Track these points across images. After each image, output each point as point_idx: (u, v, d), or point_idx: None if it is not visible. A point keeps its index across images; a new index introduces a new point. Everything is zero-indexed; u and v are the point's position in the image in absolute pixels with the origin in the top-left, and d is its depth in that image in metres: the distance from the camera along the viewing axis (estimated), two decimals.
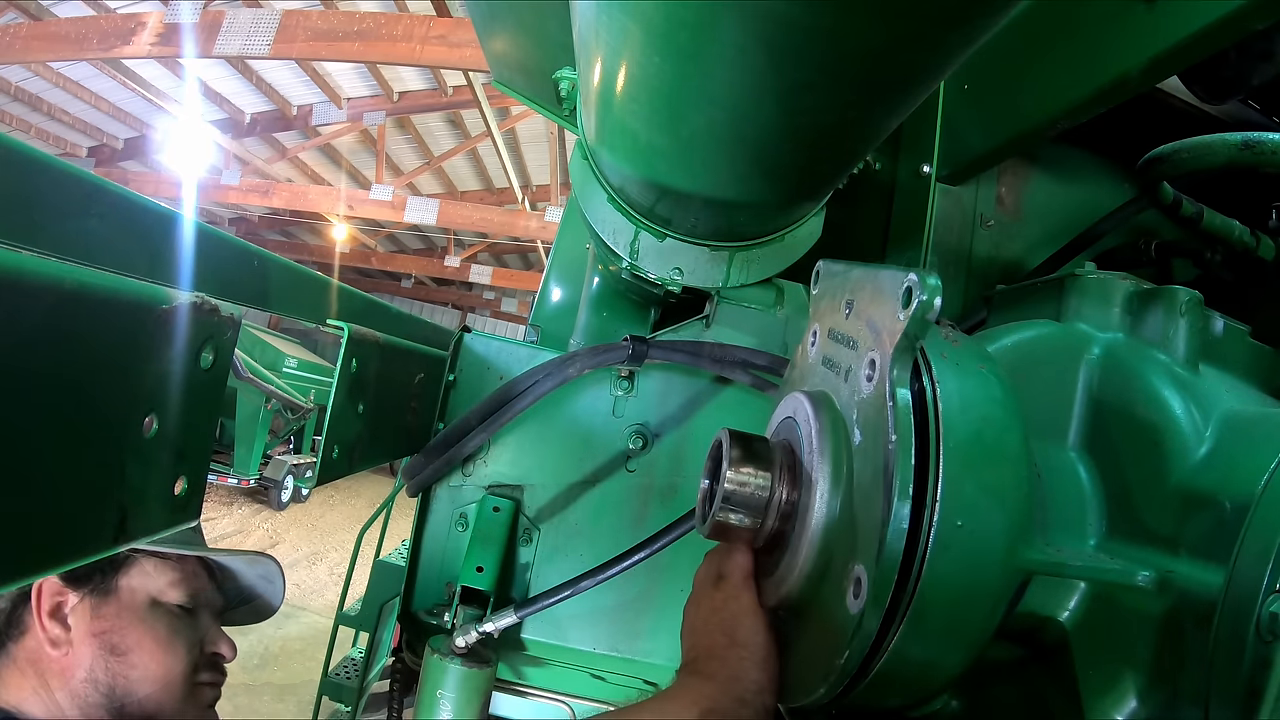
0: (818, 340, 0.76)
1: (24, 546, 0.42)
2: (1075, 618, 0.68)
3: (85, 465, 0.46)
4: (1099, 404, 0.76)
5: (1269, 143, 1.06)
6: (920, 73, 0.61)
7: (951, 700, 0.69)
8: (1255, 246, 1.31)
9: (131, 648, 0.99)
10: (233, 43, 5.72)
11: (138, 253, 0.59)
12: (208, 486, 0.65)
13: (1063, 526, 0.70)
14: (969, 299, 1.40)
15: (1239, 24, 0.80)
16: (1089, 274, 0.86)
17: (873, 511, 0.55)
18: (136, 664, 0.99)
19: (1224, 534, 0.56)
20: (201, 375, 0.56)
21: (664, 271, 1.09)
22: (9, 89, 8.46)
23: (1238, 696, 0.51)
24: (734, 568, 0.72)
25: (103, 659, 0.97)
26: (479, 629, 1.09)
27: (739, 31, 0.55)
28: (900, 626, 0.54)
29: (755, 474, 0.68)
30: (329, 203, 9.56)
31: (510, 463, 1.26)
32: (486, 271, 13.14)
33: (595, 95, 0.83)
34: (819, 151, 0.79)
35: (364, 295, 1.12)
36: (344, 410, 0.90)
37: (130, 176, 10.12)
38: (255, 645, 6.03)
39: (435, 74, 8.88)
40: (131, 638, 1.00)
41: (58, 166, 0.51)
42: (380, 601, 3.94)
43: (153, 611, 1.03)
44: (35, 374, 0.41)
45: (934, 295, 0.53)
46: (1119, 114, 1.09)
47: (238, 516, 9.36)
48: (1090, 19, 1.00)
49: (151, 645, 1.01)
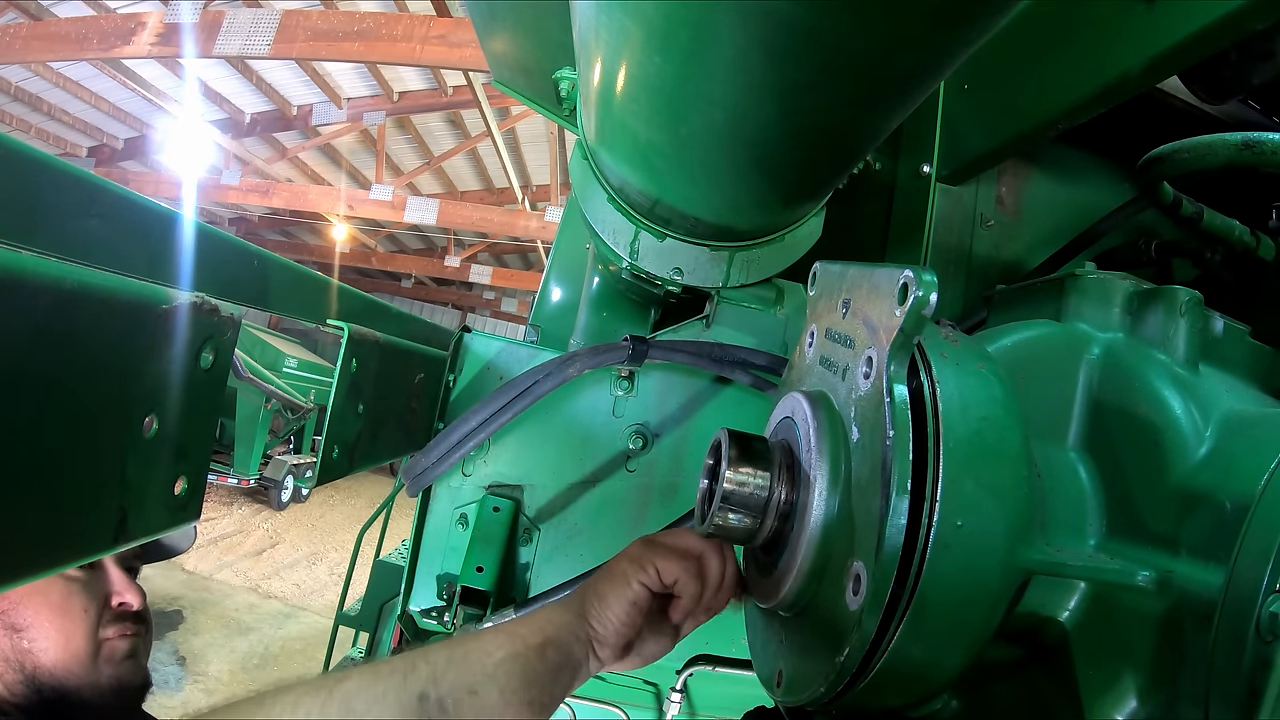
0: (815, 340, 0.76)
1: (24, 546, 0.42)
2: (1075, 618, 0.68)
3: (85, 465, 0.46)
4: (1099, 404, 0.76)
5: (1269, 143, 1.05)
6: (920, 73, 0.61)
7: (951, 700, 0.69)
8: (1255, 246, 1.31)
9: (29, 621, 1.01)
10: (233, 43, 5.72)
11: (138, 253, 0.58)
12: (208, 486, 0.65)
13: (1063, 526, 0.70)
14: (969, 299, 1.40)
15: (1239, 24, 0.80)
16: (1089, 274, 0.86)
17: (871, 509, 0.55)
18: (37, 636, 1.01)
19: (1224, 534, 0.56)
20: (201, 375, 0.56)
21: (664, 271, 1.09)
22: (9, 89, 8.46)
23: (1238, 696, 0.51)
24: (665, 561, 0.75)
25: (7, 638, 1.00)
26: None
27: (739, 32, 0.55)
28: (900, 625, 0.54)
29: (754, 474, 0.68)
30: (329, 203, 9.55)
31: (510, 463, 1.26)
32: (486, 271, 13.13)
33: (595, 95, 0.83)
34: (819, 151, 0.79)
35: (364, 295, 1.11)
36: (344, 410, 0.90)
37: (130, 176, 10.12)
38: (255, 645, 6.04)
39: (435, 74, 8.88)
40: (28, 612, 1.01)
41: (58, 166, 0.51)
42: (380, 601, 3.94)
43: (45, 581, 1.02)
44: (36, 374, 0.41)
45: (930, 291, 0.53)
46: (1119, 114, 1.09)
47: (238, 516, 9.36)
48: (1090, 19, 1.00)
49: (48, 614, 1.02)
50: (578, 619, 0.74)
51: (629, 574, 0.75)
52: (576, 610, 0.75)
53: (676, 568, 0.74)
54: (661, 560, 0.75)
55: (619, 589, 0.74)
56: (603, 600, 0.74)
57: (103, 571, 1.11)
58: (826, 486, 0.62)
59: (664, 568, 0.74)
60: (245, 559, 7.99)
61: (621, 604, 0.74)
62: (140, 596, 1.15)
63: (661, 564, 0.74)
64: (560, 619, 0.74)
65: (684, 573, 0.75)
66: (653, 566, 0.74)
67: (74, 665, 1.03)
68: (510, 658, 0.67)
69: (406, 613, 1.26)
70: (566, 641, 0.72)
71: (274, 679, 4.20)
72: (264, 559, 8.13)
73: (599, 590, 0.76)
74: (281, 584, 7.50)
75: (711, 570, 0.76)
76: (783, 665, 0.69)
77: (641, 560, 0.75)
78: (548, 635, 0.71)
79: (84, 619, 1.05)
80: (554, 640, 0.71)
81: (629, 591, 0.74)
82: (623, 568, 0.76)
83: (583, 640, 0.73)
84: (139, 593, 1.15)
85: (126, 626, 1.12)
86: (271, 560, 8.14)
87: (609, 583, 0.76)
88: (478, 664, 0.66)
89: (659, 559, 0.75)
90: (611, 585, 0.75)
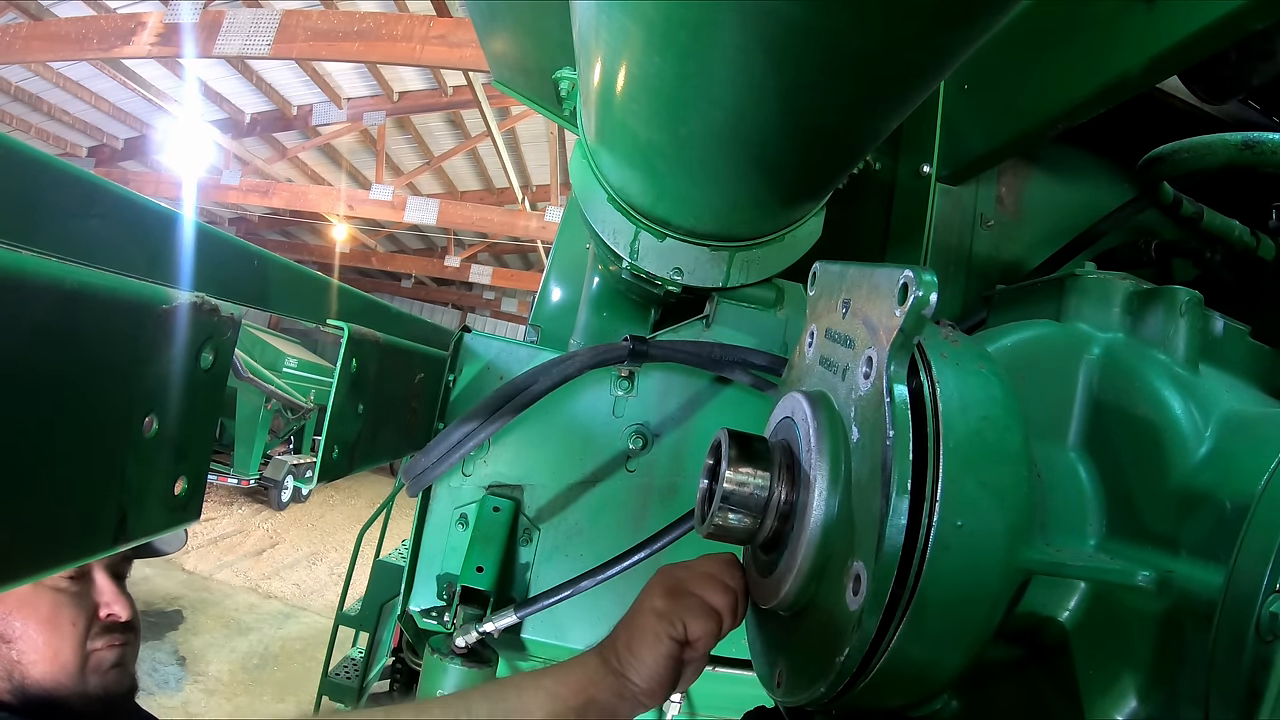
0: (815, 340, 0.76)
1: (24, 546, 0.42)
2: (1075, 618, 0.68)
3: (85, 465, 0.46)
4: (1099, 404, 0.76)
5: (1269, 143, 1.05)
6: (920, 73, 0.61)
7: (951, 700, 0.69)
8: (1255, 246, 1.31)
9: (17, 634, 1.02)
10: (233, 43, 5.72)
11: (138, 253, 0.58)
12: (208, 486, 0.65)
13: (1063, 526, 0.70)
14: (969, 299, 1.40)
15: (1239, 24, 0.80)
16: (1089, 274, 0.86)
17: (871, 508, 0.55)
18: (26, 648, 1.02)
19: (1224, 534, 0.56)
20: (201, 375, 0.56)
21: (664, 271, 1.09)
22: (9, 89, 8.46)
23: (1237, 696, 0.51)
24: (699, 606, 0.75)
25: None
26: (479, 629, 1.09)
27: (739, 31, 0.55)
28: (900, 625, 0.54)
29: (754, 474, 0.68)
30: (329, 203, 9.56)
31: (510, 463, 1.26)
32: (486, 271, 13.14)
33: (595, 95, 0.83)
34: (819, 151, 0.79)
35: (364, 295, 1.12)
36: (344, 410, 0.90)
37: (130, 176, 10.12)
38: (255, 645, 6.04)
39: (435, 74, 8.88)
40: (16, 624, 1.02)
41: (58, 166, 0.51)
42: (380, 601, 3.95)
43: (34, 592, 1.05)
44: (35, 374, 0.41)
45: (930, 291, 0.53)
46: (1119, 114, 1.09)
47: (238, 516, 9.36)
48: (1090, 19, 1.00)
49: (36, 627, 1.03)
50: (618, 678, 0.75)
51: (659, 632, 0.74)
52: (614, 668, 0.75)
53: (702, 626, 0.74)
54: (690, 618, 0.75)
55: (652, 646, 0.74)
56: (639, 658, 0.75)
57: (91, 582, 1.11)
58: (826, 486, 0.62)
59: (691, 625, 0.74)
60: (245, 559, 7.99)
61: (658, 660, 0.74)
62: (129, 607, 1.15)
63: (690, 621, 0.74)
64: (600, 677, 0.75)
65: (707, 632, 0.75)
66: (680, 623, 0.74)
67: (62, 677, 1.04)
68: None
69: (406, 613, 1.26)
70: (610, 702, 0.74)
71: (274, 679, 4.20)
72: (264, 559, 8.13)
73: (633, 649, 0.75)
74: (281, 584, 7.50)
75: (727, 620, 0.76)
76: (783, 665, 0.69)
77: (670, 618, 0.75)
78: (590, 696, 0.73)
79: (72, 632, 1.06)
80: (596, 701, 0.73)
81: (662, 647, 0.74)
82: (651, 625, 0.75)
83: (627, 699, 0.74)
84: (128, 603, 1.15)
85: (115, 637, 1.12)
86: (271, 560, 8.14)
87: (640, 640, 0.75)
88: None
89: (687, 617, 0.75)
90: (643, 642, 0.75)
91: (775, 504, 0.68)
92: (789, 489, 0.68)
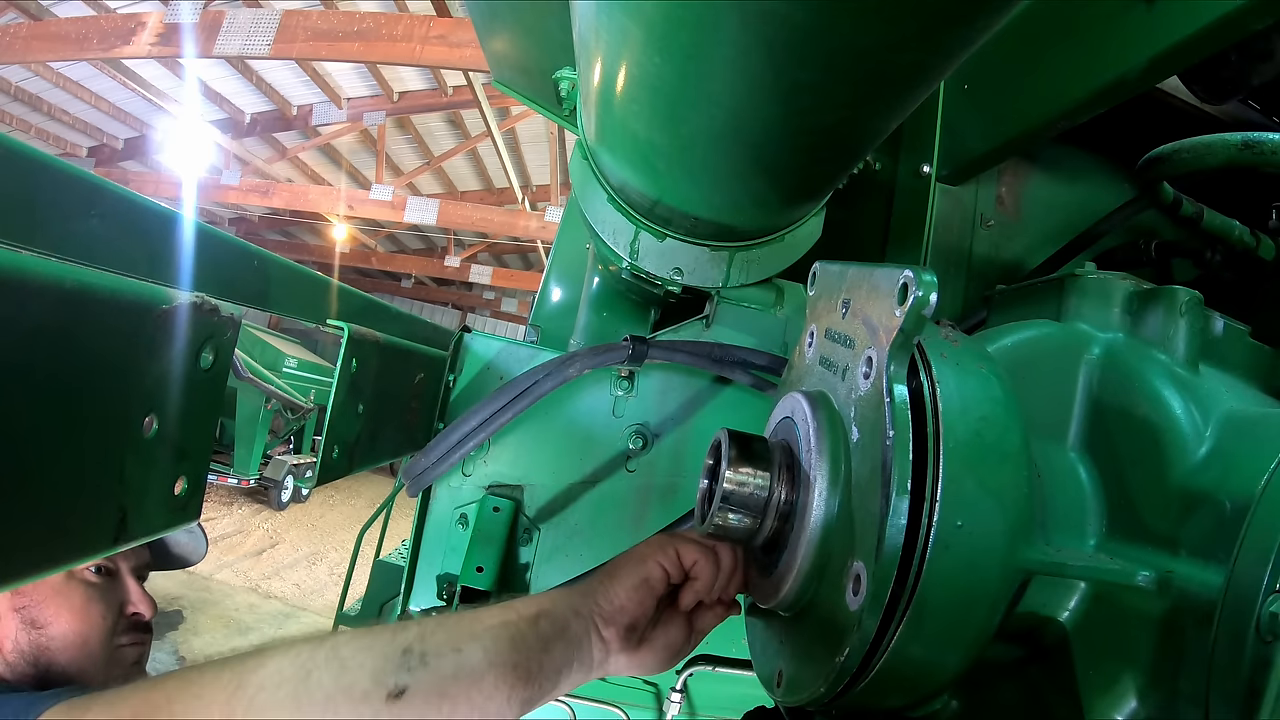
0: (815, 341, 0.76)
1: (24, 546, 0.42)
2: (1075, 618, 0.68)
3: (85, 465, 0.46)
4: (1099, 404, 0.76)
5: (1269, 143, 1.06)
6: (920, 73, 0.61)
7: (951, 700, 0.69)
8: (1255, 246, 1.31)
9: (49, 620, 1.06)
10: (233, 43, 5.72)
11: (138, 253, 0.59)
12: (208, 486, 0.65)
13: (1063, 526, 0.70)
14: (969, 299, 1.40)
15: (1239, 24, 0.80)
16: (1089, 274, 0.86)
17: (872, 508, 0.55)
18: (55, 635, 1.06)
19: (1224, 534, 0.56)
20: (201, 375, 0.56)
21: (664, 271, 1.09)
22: (9, 89, 8.46)
23: (1237, 696, 0.51)
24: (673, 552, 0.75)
25: (25, 632, 1.04)
26: None
27: (739, 31, 0.55)
28: (900, 625, 0.54)
29: (754, 474, 0.68)
30: (329, 203, 9.55)
31: (510, 463, 1.26)
32: (486, 271, 13.13)
33: (595, 95, 0.83)
34: (819, 151, 0.79)
35: (364, 295, 1.12)
36: (344, 410, 0.90)
37: (130, 176, 10.12)
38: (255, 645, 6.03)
39: (435, 74, 8.88)
40: (49, 611, 1.06)
41: (58, 166, 0.51)
42: (380, 601, 3.94)
43: (67, 583, 1.09)
44: (36, 374, 0.41)
45: (930, 291, 0.53)
46: (1119, 114, 1.09)
47: (238, 516, 9.35)
48: (1090, 19, 1.00)
49: (68, 616, 1.07)
50: (581, 596, 0.74)
51: (646, 554, 0.75)
52: (582, 589, 0.75)
53: (696, 551, 0.75)
54: (683, 545, 0.75)
55: (633, 565, 0.75)
56: (613, 577, 0.75)
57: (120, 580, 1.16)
58: (826, 486, 0.62)
59: (684, 550, 0.75)
60: (245, 559, 7.98)
61: (632, 579, 0.74)
62: (152, 607, 1.20)
63: (683, 548, 0.75)
64: (560, 594, 0.75)
65: (703, 556, 0.75)
66: (673, 549, 0.75)
67: (87, 665, 1.07)
68: (501, 624, 0.68)
69: (406, 613, 1.26)
70: (562, 614, 0.72)
71: None
72: (264, 559, 8.12)
73: (611, 568, 0.76)
74: (281, 584, 7.50)
75: (725, 557, 0.77)
76: (783, 665, 0.69)
77: (663, 544, 0.76)
78: (543, 607, 0.72)
79: (102, 625, 1.10)
80: (549, 612, 0.71)
81: (643, 568, 0.74)
82: (641, 550, 0.77)
83: (583, 615, 0.73)
84: (151, 604, 1.20)
85: (138, 636, 1.17)
86: (271, 560, 8.14)
87: (624, 561, 0.76)
88: (467, 628, 0.67)
89: (680, 544, 0.76)
90: (626, 561, 0.76)
91: (775, 504, 0.68)
92: (789, 489, 0.68)
